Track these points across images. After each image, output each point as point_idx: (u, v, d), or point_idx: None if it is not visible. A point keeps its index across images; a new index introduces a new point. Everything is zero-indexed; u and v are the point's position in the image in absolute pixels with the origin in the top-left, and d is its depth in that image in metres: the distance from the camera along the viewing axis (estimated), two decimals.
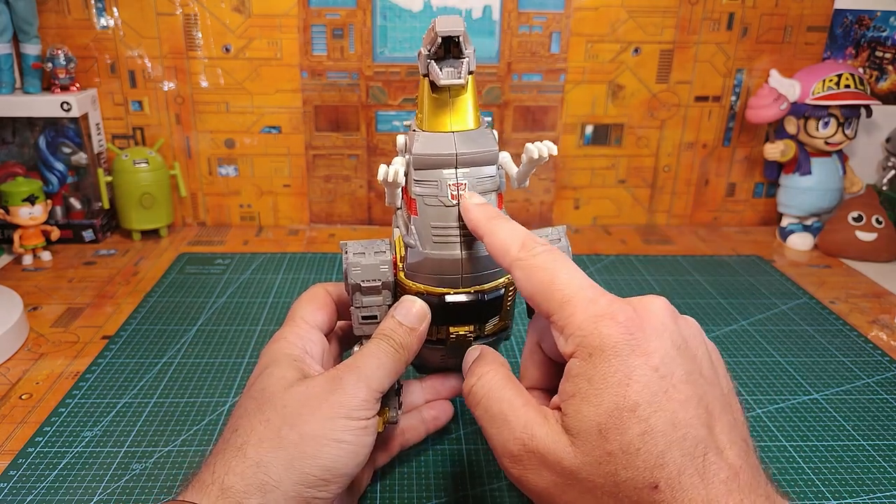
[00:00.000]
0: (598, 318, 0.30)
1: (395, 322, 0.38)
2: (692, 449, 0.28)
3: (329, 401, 0.34)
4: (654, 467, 0.28)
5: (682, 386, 0.29)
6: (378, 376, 0.36)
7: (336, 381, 0.35)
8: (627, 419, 0.28)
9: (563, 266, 0.32)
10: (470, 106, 0.37)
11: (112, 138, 0.86)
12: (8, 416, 0.51)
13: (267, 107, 0.86)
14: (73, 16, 0.81)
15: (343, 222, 0.92)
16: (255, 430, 0.33)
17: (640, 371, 0.29)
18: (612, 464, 0.28)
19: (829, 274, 0.80)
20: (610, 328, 0.30)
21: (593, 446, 0.29)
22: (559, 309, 0.31)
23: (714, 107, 0.90)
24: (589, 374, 0.29)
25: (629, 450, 0.28)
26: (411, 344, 0.38)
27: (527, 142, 0.39)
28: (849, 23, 0.88)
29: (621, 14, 0.84)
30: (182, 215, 0.90)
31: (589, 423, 0.29)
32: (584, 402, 0.29)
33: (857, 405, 0.54)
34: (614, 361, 0.29)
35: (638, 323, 0.30)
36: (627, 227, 0.94)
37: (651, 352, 0.29)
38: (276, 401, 0.34)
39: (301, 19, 0.83)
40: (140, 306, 0.67)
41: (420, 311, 0.38)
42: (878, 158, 0.95)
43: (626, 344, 0.29)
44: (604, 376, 0.29)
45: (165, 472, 0.45)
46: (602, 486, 0.29)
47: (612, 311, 0.30)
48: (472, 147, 0.37)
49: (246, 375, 0.56)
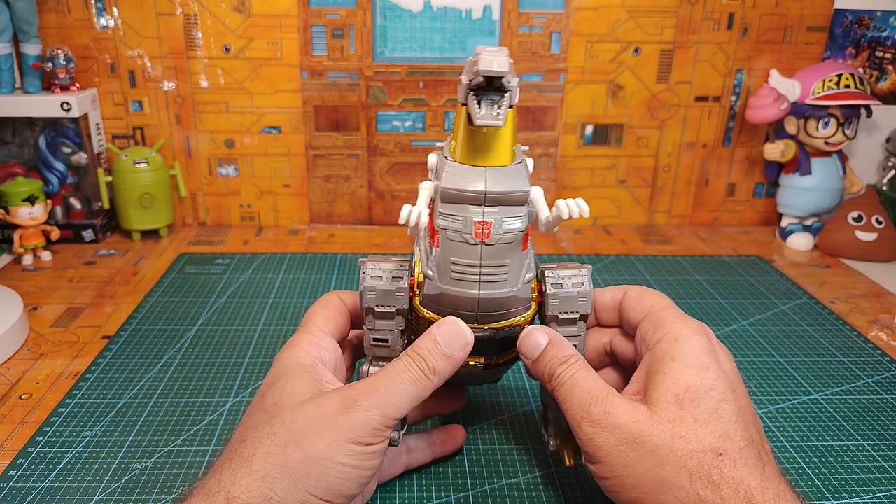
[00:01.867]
0: (688, 320, 0.38)
1: (432, 343, 0.36)
2: (750, 441, 0.33)
3: (338, 424, 0.33)
4: (721, 438, 0.33)
5: (743, 398, 0.35)
6: (396, 403, 0.34)
7: (349, 403, 0.34)
8: (703, 396, 0.34)
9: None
10: (507, 141, 0.35)
11: (112, 138, 0.86)
12: (8, 416, 0.51)
13: (267, 107, 0.86)
14: (73, 16, 0.81)
15: (343, 222, 0.92)
16: (262, 442, 0.33)
17: (715, 367, 0.35)
18: (682, 426, 0.33)
19: (829, 274, 0.80)
20: (697, 328, 0.37)
21: (668, 411, 0.34)
22: (659, 311, 0.39)
23: (714, 107, 0.90)
24: (674, 354, 0.36)
25: (699, 419, 0.33)
26: (444, 371, 0.36)
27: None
28: (849, 23, 0.88)
29: (621, 14, 0.84)
30: (182, 215, 0.90)
31: (668, 393, 0.34)
32: (667, 377, 0.35)
33: (857, 405, 0.54)
34: (697, 350, 0.36)
35: (717, 341, 0.38)
36: (627, 227, 0.94)
37: (722, 361, 0.36)
38: (285, 415, 0.33)
39: (301, 19, 0.83)
40: (140, 306, 0.67)
41: (465, 339, 0.37)
42: (878, 158, 0.95)
43: (706, 342, 0.36)
44: (686, 357, 0.35)
45: (165, 472, 0.45)
46: (668, 446, 0.33)
47: (699, 322, 0.38)
48: (502, 186, 0.35)
49: (246, 375, 0.56)
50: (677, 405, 0.34)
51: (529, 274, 0.38)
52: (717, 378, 0.35)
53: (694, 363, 0.35)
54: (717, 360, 0.36)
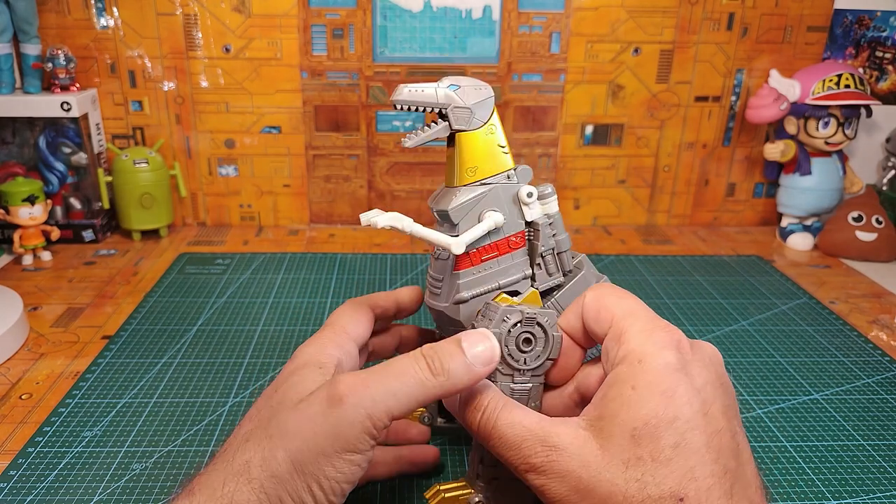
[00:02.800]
0: (656, 330, 0.32)
1: (455, 346, 0.33)
2: (722, 474, 0.28)
3: (323, 428, 0.31)
4: (683, 479, 0.28)
5: (720, 416, 0.30)
6: (388, 404, 0.31)
7: (334, 401, 0.31)
8: (664, 429, 0.29)
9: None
10: (453, 164, 0.38)
11: (112, 138, 0.86)
12: (8, 416, 0.51)
13: (267, 107, 0.86)
14: (73, 16, 0.81)
15: (343, 222, 0.92)
16: (260, 445, 0.32)
17: (683, 388, 0.30)
18: (638, 468, 0.28)
19: (829, 274, 0.80)
20: (665, 341, 0.31)
21: (623, 449, 0.29)
22: (621, 319, 0.33)
23: (714, 107, 0.90)
24: (634, 380, 0.30)
25: (659, 458, 0.28)
26: (459, 380, 0.32)
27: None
28: (849, 23, 0.88)
29: (621, 14, 0.84)
30: (182, 215, 0.90)
31: (623, 428, 0.29)
32: (624, 407, 0.30)
33: (857, 405, 0.54)
34: (662, 371, 0.30)
35: (690, 347, 0.32)
36: (627, 227, 0.94)
37: (696, 375, 0.30)
38: (281, 416, 0.32)
39: (301, 19, 0.83)
40: (140, 306, 0.67)
41: (492, 354, 0.33)
42: (878, 158, 0.95)
43: (675, 358, 0.30)
44: (648, 383, 0.30)
45: (165, 472, 0.45)
46: (624, 492, 0.28)
47: (669, 329, 0.32)
48: (436, 204, 0.38)
49: (246, 375, 0.56)
50: (634, 442, 0.29)
51: (458, 295, 0.38)
52: (684, 403, 0.29)
53: (658, 389, 0.29)
54: (688, 376, 0.30)
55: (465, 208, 0.37)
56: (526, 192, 0.37)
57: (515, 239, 0.38)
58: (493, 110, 0.37)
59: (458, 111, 0.36)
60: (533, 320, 0.36)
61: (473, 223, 0.37)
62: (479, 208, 0.37)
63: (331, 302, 0.69)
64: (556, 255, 0.39)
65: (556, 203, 0.38)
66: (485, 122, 0.37)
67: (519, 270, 0.39)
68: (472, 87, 0.36)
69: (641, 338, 0.31)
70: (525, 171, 0.38)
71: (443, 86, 0.36)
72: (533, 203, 0.38)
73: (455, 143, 0.37)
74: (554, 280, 0.39)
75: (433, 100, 0.36)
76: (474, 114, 0.37)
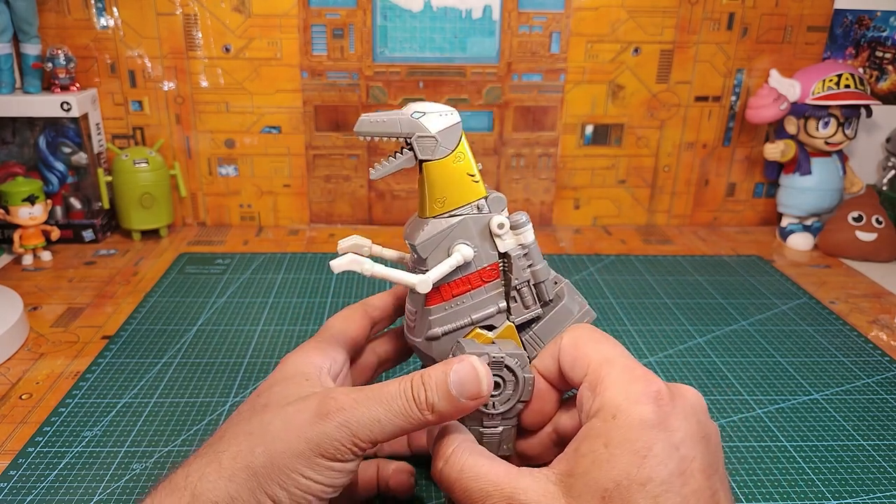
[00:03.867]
0: (633, 381, 0.30)
1: (442, 377, 0.32)
2: None
3: (307, 434, 0.31)
4: None
5: (698, 475, 0.28)
6: (372, 431, 0.31)
7: (322, 414, 0.31)
8: (636, 492, 0.27)
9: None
10: (424, 194, 0.36)
11: (112, 138, 0.86)
12: (8, 416, 0.51)
13: (267, 107, 0.86)
14: (73, 16, 0.81)
15: (343, 222, 0.92)
16: (236, 439, 0.32)
17: (660, 446, 0.28)
18: None
19: (829, 274, 0.80)
20: (641, 393, 0.29)
21: None
22: (597, 367, 0.31)
23: (714, 107, 0.90)
24: (608, 437, 0.29)
25: None
26: (445, 412, 0.31)
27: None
28: (849, 23, 0.88)
29: (621, 14, 0.84)
30: (182, 215, 0.90)
31: (594, 488, 0.28)
32: (595, 466, 0.28)
33: (857, 405, 0.54)
34: (637, 428, 0.28)
35: (669, 398, 0.30)
36: (627, 227, 0.94)
37: (675, 429, 0.29)
38: (266, 416, 0.32)
39: (301, 19, 0.83)
40: (140, 306, 0.67)
41: (478, 388, 0.32)
42: (878, 158, 0.95)
43: (653, 413, 0.29)
44: (622, 441, 0.28)
45: (165, 472, 0.45)
46: None
47: (647, 378, 0.30)
48: (408, 236, 0.37)
49: (246, 375, 0.56)
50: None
51: (430, 331, 0.37)
52: (658, 463, 0.28)
53: (631, 447, 0.28)
54: (666, 431, 0.28)
55: (433, 242, 0.35)
56: (497, 222, 0.36)
57: (488, 271, 0.36)
58: (460, 137, 0.35)
59: (422, 140, 0.34)
60: (501, 364, 0.35)
61: (443, 257, 0.35)
62: (448, 241, 0.35)
63: (331, 302, 0.69)
64: (534, 287, 0.37)
65: (531, 232, 0.36)
66: (452, 149, 0.35)
67: (493, 304, 0.37)
68: (436, 115, 0.35)
69: (616, 389, 0.30)
70: (498, 200, 0.36)
71: (406, 114, 0.34)
72: (505, 234, 0.36)
73: (422, 172, 0.35)
74: (532, 312, 0.37)
75: (396, 129, 0.34)
76: (440, 142, 0.35)
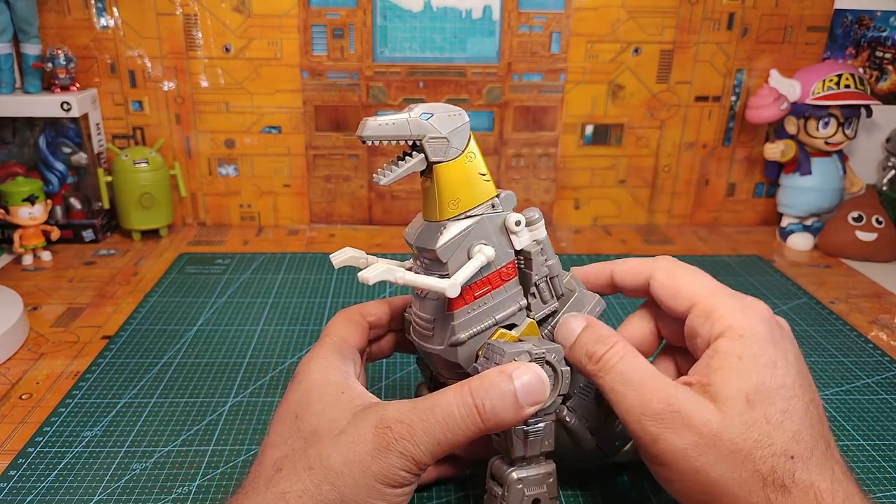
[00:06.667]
0: (747, 308, 0.35)
1: (505, 387, 0.33)
2: (819, 437, 0.33)
3: (371, 469, 0.32)
4: (792, 439, 0.32)
5: (809, 387, 0.34)
6: (433, 452, 0.32)
7: (382, 446, 0.32)
8: (774, 394, 0.32)
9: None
10: (433, 197, 0.35)
11: (112, 138, 0.86)
12: (8, 416, 0.51)
13: (267, 107, 0.86)
14: (73, 16, 0.81)
15: (343, 222, 0.92)
16: (299, 476, 0.32)
17: (783, 361, 0.34)
18: (756, 430, 0.32)
19: (829, 274, 0.80)
20: (759, 318, 0.35)
21: (740, 412, 0.32)
22: (707, 297, 0.36)
23: (714, 107, 0.90)
24: (739, 352, 0.33)
25: (772, 420, 0.32)
26: (505, 421, 0.33)
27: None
28: (849, 23, 0.88)
29: (621, 14, 0.84)
30: (182, 215, 0.90)
31: (737, 392, 0.32)
32: (734, 374, 0.33)
33: (857, 405, 0.54)
34: (764, 345, 0.34)
35: (776, 324, 0.36)
36: (627, 227, 0.94)
37: (787, 350, 0.35)
38: (322, 448, 0.33)
39: (301, 19, 0.83)
40: (140, 306, 0.67)
41: (543, 394, 0.33)
42: (878, 158, 0.95)
43: (770, 336, 0.34)
44: (754, 356, 0.33)
45: (165, 472, 0.45)
46: (743, 450, 0.32)
47: (757, 304, 0.36)
48: (421, 241, 0.36)
49: (246, 375, 0.56)
50: (749, 406, 0.32)
51: (454, 337, 0.36)
52: (785, 373, 0.33)
53: (761, 360, 0.33)
54: (782, 350, 0.34)
55: (453, 245, 0.35)
56: (514, 220, 0.36)
57: (506, 270, 0.36)
58: (469, 137, 0.35)
59: (433, 142, 0.34)
60: (542, 360, 0.35)
61: (463, 260, 0.35)
62: (466, 243, 0.35)
63: (331, 302, 0.69)
64: (549, 281, 0.37)
65: (543, 227, 0.37)
66: (462, 150, 0.35)
67: (514, 302, 0.37)
68: (445, 115, 0.34)
69: (737, 314, 0.35)
70: (509, 198, 0.36)
71: (414, 115, 0.33)
72: (521, 231, 0.36)
73: (433, 175, 0.35)
74: (550, 307, 0.38)
75: (406, 132, 0.33)
76: (451, 143, 0.34)
